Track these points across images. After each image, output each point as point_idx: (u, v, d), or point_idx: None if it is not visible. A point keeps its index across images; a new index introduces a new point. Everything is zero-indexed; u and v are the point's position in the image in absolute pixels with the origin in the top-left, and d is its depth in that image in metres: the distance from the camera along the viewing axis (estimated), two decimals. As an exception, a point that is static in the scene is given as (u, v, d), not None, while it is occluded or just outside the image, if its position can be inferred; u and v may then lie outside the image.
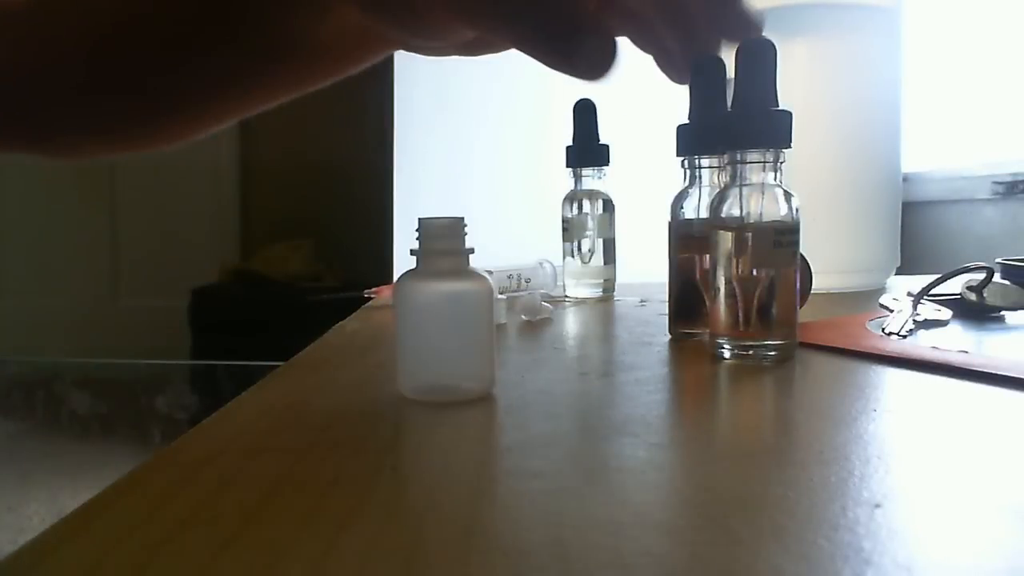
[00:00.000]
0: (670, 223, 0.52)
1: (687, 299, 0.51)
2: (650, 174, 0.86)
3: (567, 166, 0.75)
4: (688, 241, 0.51)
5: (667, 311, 0.53)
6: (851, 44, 0.77)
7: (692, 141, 0.51)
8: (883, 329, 0.51)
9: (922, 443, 0.30)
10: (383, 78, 1.41)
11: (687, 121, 0.51)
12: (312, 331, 0.57)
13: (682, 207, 0.51)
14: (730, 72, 0.44)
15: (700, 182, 0.51)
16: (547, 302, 0.64)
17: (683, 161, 0.51)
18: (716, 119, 0.48)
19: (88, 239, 3.06)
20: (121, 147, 0.48)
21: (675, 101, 0.53)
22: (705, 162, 0.50)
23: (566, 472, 0.26)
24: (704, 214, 0.50)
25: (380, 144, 1.49)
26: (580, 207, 0.74)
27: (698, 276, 0.51)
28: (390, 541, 0.21)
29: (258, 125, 2.68)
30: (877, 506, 0.22)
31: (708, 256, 0.50)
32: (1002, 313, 0.57)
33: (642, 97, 1.27)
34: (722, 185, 0.50)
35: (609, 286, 0.74)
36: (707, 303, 0.51)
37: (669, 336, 0.52)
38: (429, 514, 0.23)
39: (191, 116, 0.46)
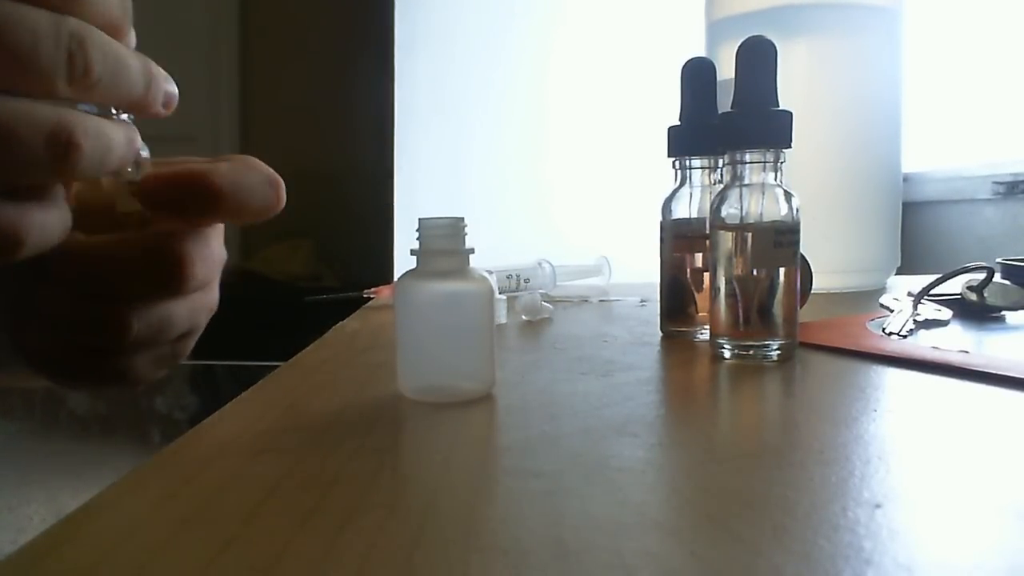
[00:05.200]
0: (661, 223, 0.52)
1: (678, 298, 0.52)
2: (643, 175, 0.86)
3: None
4: (679, 241, 0.51)
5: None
6: (851, 44, 0.77)
7: (683, 142, 0.51)
8: (883, 329, 0.51)
9: (922, 443, 0.30)
10: (383, 78, 1.41)
11: (678, 122, 0.51)
12: (312, 331, 0.57)
13: (673, 207, 0.51)
14: (730, 72, 0.44)
15: (691, 182, 0.51)
16: (547, 302, 0.65)
17: (674, 162, 0.52)
18: (717, 119, 0.48)
19: (88, 239, 3.05)
20: None
21: (665, 104, 0.53)
22: (696, 162, 0.51)
23: (566, 472, 0.26)
24: (695, 214, 0.51)
25: (380, 144, 1.49)
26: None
27: (688, 275, 0.51)
28: (390, 541, 0.21)
29: (258, 126, 2.68)
30: (878, 506, 0.22)
31: (699, 255, 0.51)
32: (1002, 313, 0.57)
33: (632, 100, 1.27)
34: (712, 185, 0.51)
35: None
36: (696, 302, 0.51)
37: (662, 334, 0.53)
38: (429, 514, 0.23)
39: None
